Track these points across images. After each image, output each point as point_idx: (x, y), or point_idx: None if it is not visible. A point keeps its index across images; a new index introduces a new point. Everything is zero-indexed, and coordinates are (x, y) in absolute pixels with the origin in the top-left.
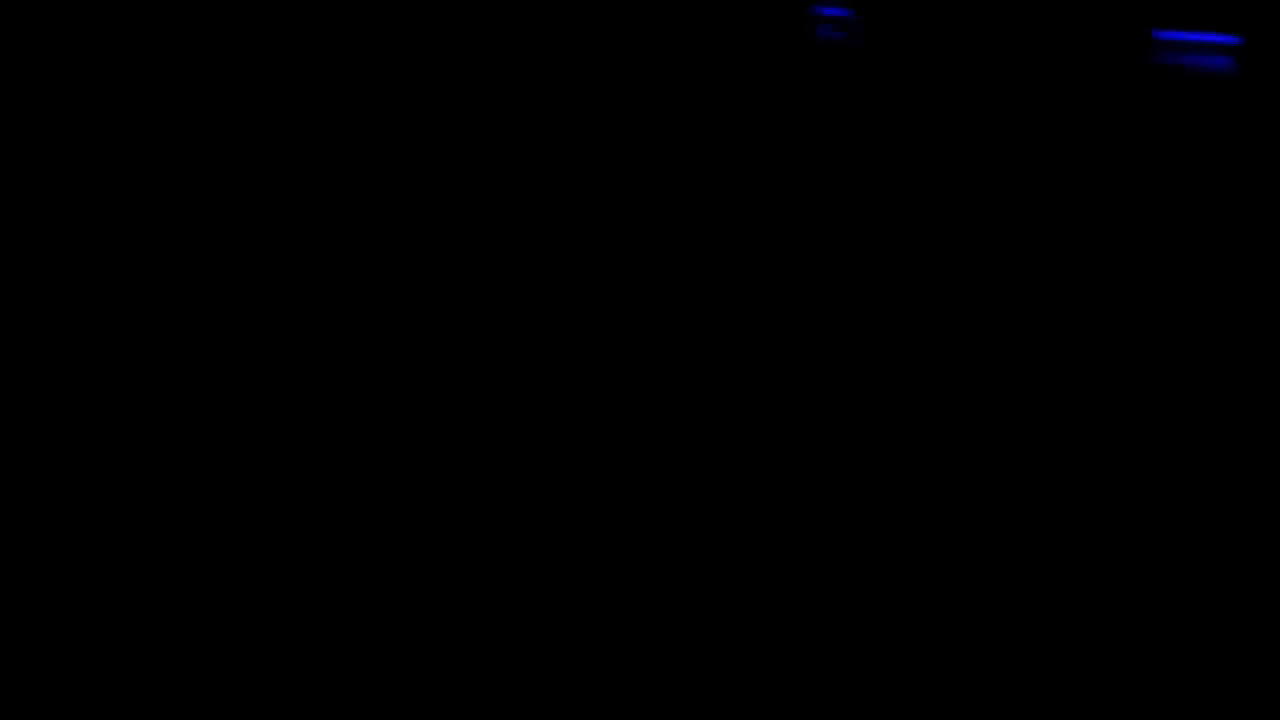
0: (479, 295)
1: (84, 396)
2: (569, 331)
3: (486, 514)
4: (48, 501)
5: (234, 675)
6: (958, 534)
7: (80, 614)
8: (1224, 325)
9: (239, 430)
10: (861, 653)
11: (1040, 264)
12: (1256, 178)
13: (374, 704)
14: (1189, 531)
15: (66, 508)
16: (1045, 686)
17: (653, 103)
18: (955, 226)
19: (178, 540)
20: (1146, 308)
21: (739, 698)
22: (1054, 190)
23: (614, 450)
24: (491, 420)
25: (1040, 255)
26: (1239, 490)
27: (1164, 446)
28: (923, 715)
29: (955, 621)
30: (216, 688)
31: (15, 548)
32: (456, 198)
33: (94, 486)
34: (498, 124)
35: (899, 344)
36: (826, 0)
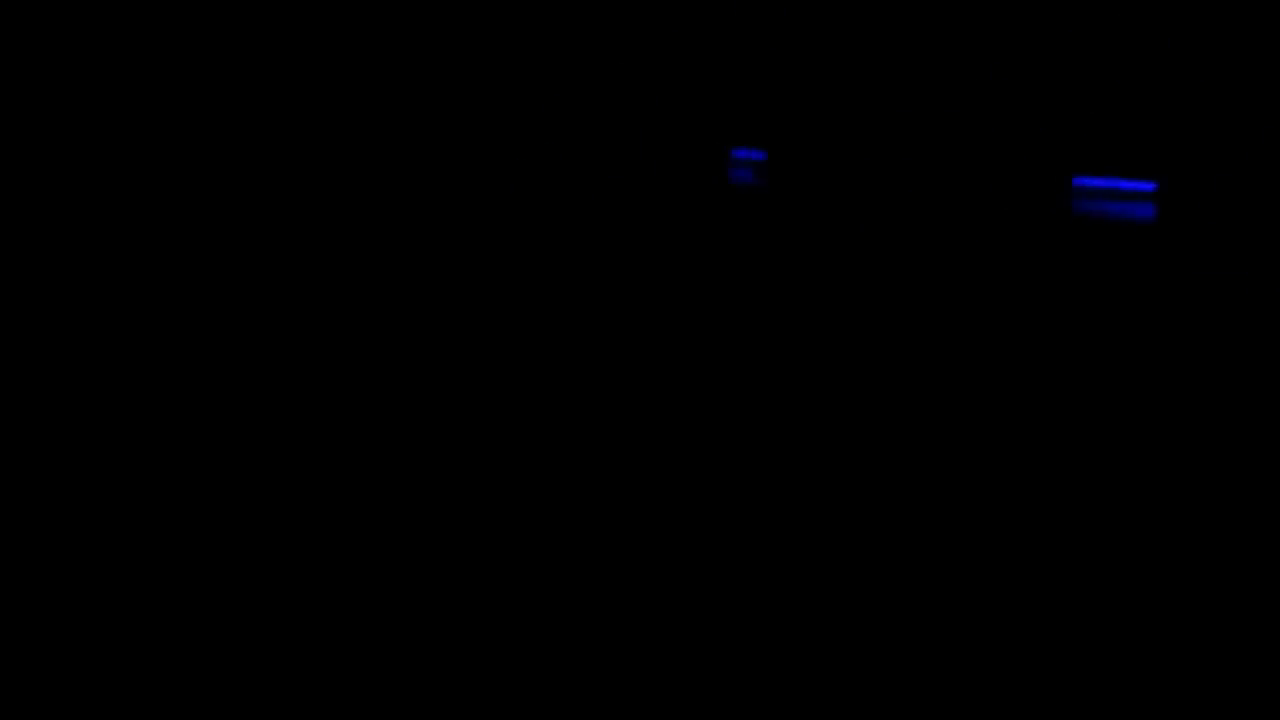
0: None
1: (84, 397)
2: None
3: (486, 514)
4: (48, 501)
5: (234, 675)
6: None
7: (80, 614)
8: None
9: (239, 430)
10: (849, 654)
11: (950, 414)
12: (1176, 326)
13: (374, 704)
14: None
15: (66, 508)
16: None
17: (573, 239)
18: (865, 368)
19: (178, 540)
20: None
21: (734, 697)
22: (964, 338)
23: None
24: (490, 422)
25: (946, 403)
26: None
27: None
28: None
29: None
30: (216, 688)
31: (16, 548)
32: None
33: (94, 486)
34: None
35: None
36: (741, 143)
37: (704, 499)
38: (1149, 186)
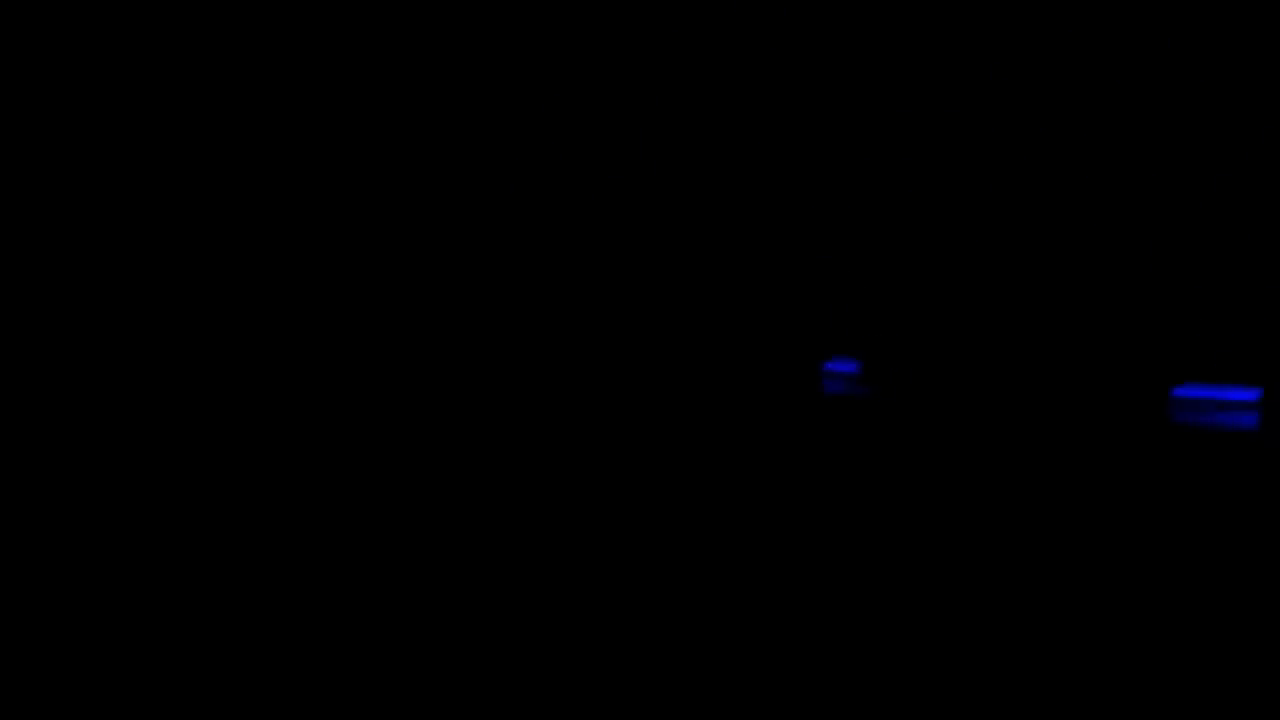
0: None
1: (85, 397)
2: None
3: (485, 515)
4: (48, 502)
5: (234, 675)
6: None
7: (80, 614)
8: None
9: (239, 431)
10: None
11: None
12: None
13: (374, 704)
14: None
15: (67, 508)
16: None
17: (672, 449)
18: (962, 584)
19: (178, 540)
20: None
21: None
22: (1067, 553)
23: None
24: (490, 423)
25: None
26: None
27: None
28: None
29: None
30: (216, 688)
31: (16, 548)
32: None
33: (95, 486)
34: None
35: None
36: (837, 356)
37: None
38: (1252, 395)
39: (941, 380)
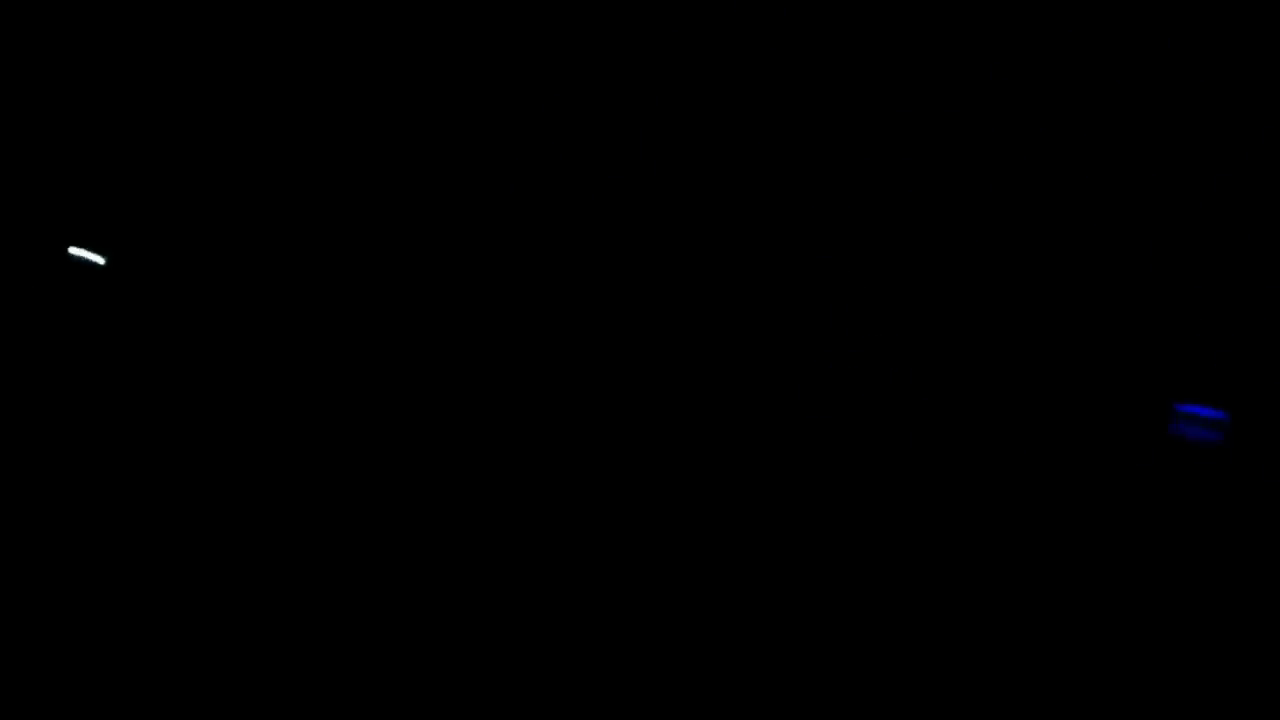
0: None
1: (88, 398)
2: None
3: (485, 514)
4: (49, 502)
5: (234, 675)
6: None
7: (80, 614)
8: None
9: (240, 431)
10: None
11: None
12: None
13: (374, 704)
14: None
15: (68, 508)
16: None
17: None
18: None
19: (178, 540)
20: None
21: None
22: None
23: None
24: (490, 422)
25: None
26: None
27: None
28: None
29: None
30: (216, 688)
31: (17, 548)
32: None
33: (96, 486)
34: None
35: None
36: (1192, 399)
37: None
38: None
39: None
